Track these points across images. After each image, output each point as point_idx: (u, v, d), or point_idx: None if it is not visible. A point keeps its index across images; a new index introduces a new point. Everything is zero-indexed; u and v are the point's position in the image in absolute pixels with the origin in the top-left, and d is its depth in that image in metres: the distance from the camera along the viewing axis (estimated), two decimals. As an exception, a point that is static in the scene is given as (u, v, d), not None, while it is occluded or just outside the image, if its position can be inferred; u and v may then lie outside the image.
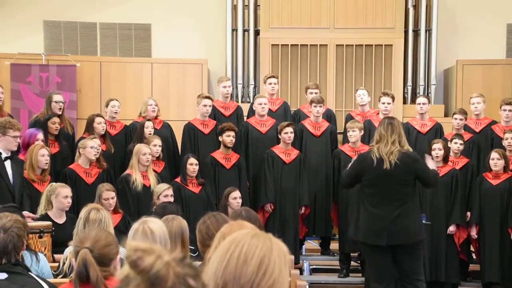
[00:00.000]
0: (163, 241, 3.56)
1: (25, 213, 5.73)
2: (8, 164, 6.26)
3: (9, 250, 3.21)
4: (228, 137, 7.84)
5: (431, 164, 6.23)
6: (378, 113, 8.49)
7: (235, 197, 7.07)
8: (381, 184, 5.81)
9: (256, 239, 1.93)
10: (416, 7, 10.45)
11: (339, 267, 8.14)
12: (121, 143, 8.20)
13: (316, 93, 8.64)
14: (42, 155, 6.81)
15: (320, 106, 8.30)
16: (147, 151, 7.43)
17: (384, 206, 5.80)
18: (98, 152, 7.43)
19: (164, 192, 6.87)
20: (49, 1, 10.61)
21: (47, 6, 10.58)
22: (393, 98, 8.41)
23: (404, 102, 10.30)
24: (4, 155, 6.24)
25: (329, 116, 8.78)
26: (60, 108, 7.91)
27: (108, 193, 6.64)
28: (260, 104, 8.32)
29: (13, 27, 10.50)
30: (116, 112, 8.29)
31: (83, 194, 7.05)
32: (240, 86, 10.37)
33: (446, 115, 10.26)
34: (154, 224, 3.57)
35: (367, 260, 6.06)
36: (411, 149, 6.18)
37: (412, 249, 5.86)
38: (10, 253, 3.23)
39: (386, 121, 5.91)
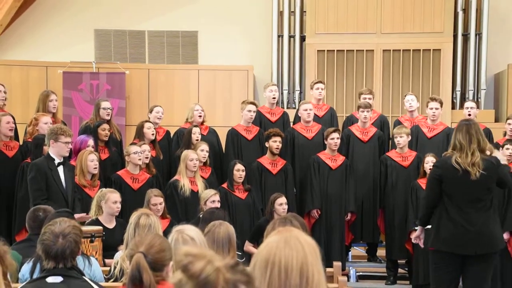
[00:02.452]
0: (204, 246, 3.58)
1: (77, 215, 5.86)
2: (60, 169, 6.39)
3: (66, 255, 3.30)
4: (275, 143, 7.86)
5: (500, 157, 6.06)
6: (426, 119, 8.41)
7: (281, 203, 7.07)
8: (465, 192, 5.52)
9: (289, 247, 1.96)
10: (466, 10, 10.29)
11: (386, 274, 8.06)
12: (165, 148, 8.30)
13: (369, 98, 8.59)
14: (91, 160, 6.93)
15: (368, 111, 8.26)
16: (195, 157, 7.50)
17: (468, 214, 5.51)
18: (147, 157, 7.54)
19: (211, 198, 6.91)
20: (99, 10, 10.83)
21: (98, 16, 10.80)
22: (441, 103, 8.31)
23: (453, 107, 10.15)
24: (57, 161, 6.38)
25: (382, 122, 8.72)
26: (108, 114, 8.05)
27: (156, 199, 6.73)
28: (306, 110, 8.31)
29: (65, 37, 10.76)
30: (160, 118, 8.39)
31: (130, 200, 7.14)
32: (285, 92, 10.38)
33: (496, 120, 10.08)
34: (191, 231, 3.57)
35: (435, 269, 5.77)
36: (491, 149, 5.79)
37: (490, 258, 5.59)
38: (67, 258, 3.31)
39: (464, 127, 5.54)
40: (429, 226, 5.83)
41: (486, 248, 5.54)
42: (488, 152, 5.62)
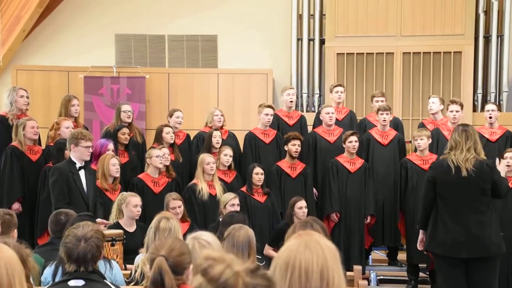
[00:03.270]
0: (220, 250, 3.58)
1: (99, 220, 5.90)
2: (82, 173, 6.45)
3: (88, 259, 3.33)
4: (294, 146, 7.85)
5: (501, 169, 6.03)
6: (448, 121, 8.36)
7: (300, 207, 7.05)
8: (459, 194, 5.51)
9: (309, 250, 1.97)
10: (487, 12, 10.20)
11: (407, 278, 8.01)
12: (186, 152, 8.34)
13: (382, 101, 8.57)
14: (113, 164, 6.99)
15: (387, 114, 8.23)
16: (211, 160, 7.53)
17: (463, 217, 5.50)
18: (167, 160, 7.59)
19: (231, 201, 6.92)
20: (120, 15, 10.91)
21: (118, 20, 10.88)
22: (461, 105, 8.26)
23: (474, 110, 10.07)
24: (78, 164, 6.44)
25: (396, 124, 8.69)
26: (129, 117, 8.11)
27: (174, 202, 6.76)
28: (328, 113, 8.30)
29: (86, 42, 10.85)
30: (180, 123, 8.44)
31: (151, 203, 7.18)
32: (305, 96, 10.37)
33: (518, 123, 9.98)
34: (207, 236, 3.57)
35: (440, 273, 5.78)
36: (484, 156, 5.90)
37: (489, 263, 5.53)
38: (89, 262, 3.34)
39: (460, 128, 5.65)
40: None
41: (479, 252, 5.49)
42: (483, 157, 5.60)
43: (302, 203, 7.09)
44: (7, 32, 10.26)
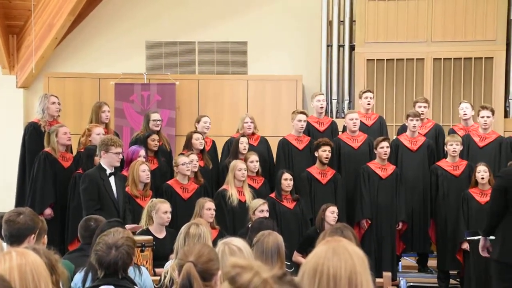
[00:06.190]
0: (250, 257, 3.58)
1: (129, 226, 5.95)
2: (112, 180, 6.49)
3: (119, 267, 3.35)
4: (324, 152, 7.83)
5: None
6: (479, 128, 8.26)
7: (333, 211, 7.02)
8: None
9: (337, 257, 1.97)
10: (520, 18, 10.08)
11: (437, 285, 7.94)
12: (212, 158, 8.36)
13: (424, 107, 8.52)
14: (143, 170, 7.03)
15: (417, 120, 8.19)
16: (243, 167, 7.54)
17: None
18: (195, 167, 7.62)
19: (260, 208, 6.93)
20: (150, 22, 11.01)
21: (149, 28, 10.98)
22: (492, 111, 8.16)
23: (506, 115, 9.94)
24: (108, 171, 6.49)
25: (437, 131, 8.61)
26: (158, 126, 8.18)
27: (210, 204, 6.79)
28: (352, 119, 8.27)
29: (117, 49, 10.96)
30: (208, 128, 8.47)
31: (180, 209, 7.22)
32: (334, 102, 10.34)
33: (550, 129, 9.82)
34: (238, 242, 3.56)
35: (502, 282, 5.62)
36: None
37: None
38: (119, 269, 3.36)
39: None
40: (492, 237, 5.68)
41: None
42: None
43: (334, 208, 7.07)
44: (39, 40, 10.42)
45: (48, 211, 7.40)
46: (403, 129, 8.70)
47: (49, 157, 7.44)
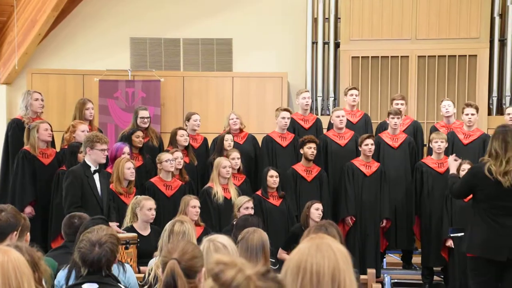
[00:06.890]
0: (235, 254, 3.57)
1: (112, 224, 5.91)
2: (96, 177, 6.43)
3: (102, 264, 3.33)
4: (309, 149, 7.84)
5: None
6: (462, 125, 8.31)
7: (317, 208, 7.03)
8: (500, 200, 5.47)
9: (321, 253, 1.97)
10: (503, 16, 10.14)
11: (421, 282, 7.98)
12: (202, 155, 8.35)
13: (402, 104, 8.56)
14: (128, 168, 7.01)
15: (398, 118, 8.21)
16: (227, 164, 7.53)
17: (505, 220, 5.46)
18: (179, 164, 7.59)
19: (245, 205, 6.93)
20: (135, 19, 10.95)
21: (133, 24, 10.93)
22: (477, 109, 8.21)
23: (489, 113, 10.01)
24: (92, 168, 6.44)
25: (416, 128, 8.65)
26: (145, 123, 8.15)
27: (195, 201, 6.80)
28: (338, 117, 8.29)
29: (101, 45, 10.90)
30: (198, 126, 8.46)
31: (163, 207, 7.19)
32: (319, 99, 10.35)
33: (534, 126, 9.88)
34: (223, 239, 3.56)
35: (473, 275, 5.72)
36: None
37: None
38: (103, 266, 3.34)
39: (500, 136, 5.49)
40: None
41: None
42: None
43: (318, 205, 7.09)
44: (22, 36, 10.34)
45: (29, 210, 7.31)
46: (381, 127, 8.74)
47: (27, 155, 7.36)
